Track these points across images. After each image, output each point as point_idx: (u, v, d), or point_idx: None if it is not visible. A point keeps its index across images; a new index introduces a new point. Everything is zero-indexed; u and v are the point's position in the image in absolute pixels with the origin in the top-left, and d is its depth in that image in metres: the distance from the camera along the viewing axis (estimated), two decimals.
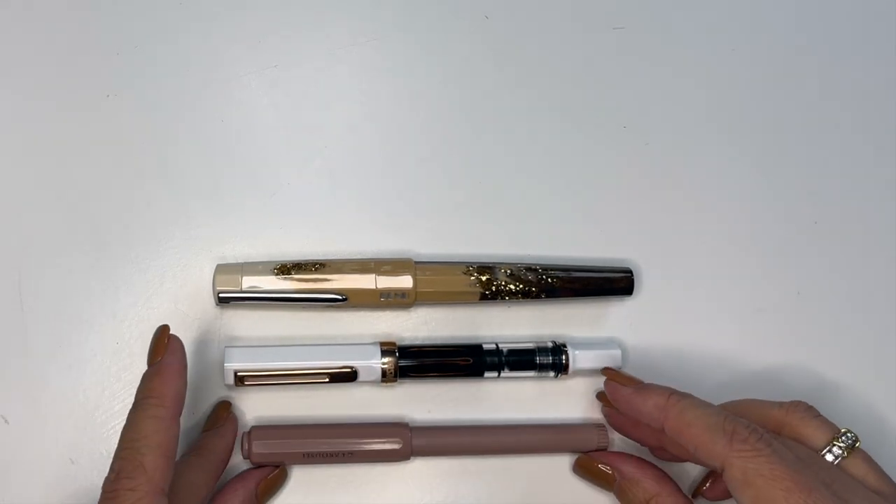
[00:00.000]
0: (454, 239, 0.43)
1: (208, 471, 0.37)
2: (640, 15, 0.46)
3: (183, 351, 0.36)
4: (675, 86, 0.46)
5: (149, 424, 0.33)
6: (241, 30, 0.44)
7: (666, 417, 0.36)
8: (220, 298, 0.40)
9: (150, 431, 0.33)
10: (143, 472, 0.32)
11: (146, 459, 0.32)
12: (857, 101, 0.47)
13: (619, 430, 0.41)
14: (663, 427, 0.36)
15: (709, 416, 0.34)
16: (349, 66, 0.45)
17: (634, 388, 0.38)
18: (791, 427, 0.36)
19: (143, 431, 0.33)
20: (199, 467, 0.37)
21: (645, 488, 0.38)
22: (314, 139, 0.44)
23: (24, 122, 0.42)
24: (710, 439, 0.34)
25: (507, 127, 0.45)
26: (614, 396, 0.39)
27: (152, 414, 0.33)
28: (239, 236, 0.42)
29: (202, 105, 0.43)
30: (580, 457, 0.41)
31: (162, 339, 0.36)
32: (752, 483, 0.32)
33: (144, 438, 0.33)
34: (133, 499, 0.31)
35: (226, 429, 0.39)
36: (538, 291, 0.42)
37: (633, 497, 0.39)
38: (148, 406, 0.34)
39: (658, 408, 0.36)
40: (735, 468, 0.33)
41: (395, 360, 0.40)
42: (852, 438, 0.35)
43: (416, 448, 0.40)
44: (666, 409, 0.36)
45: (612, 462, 0.40)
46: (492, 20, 0.46)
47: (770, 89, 0.46)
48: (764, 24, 0.47)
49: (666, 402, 0.36)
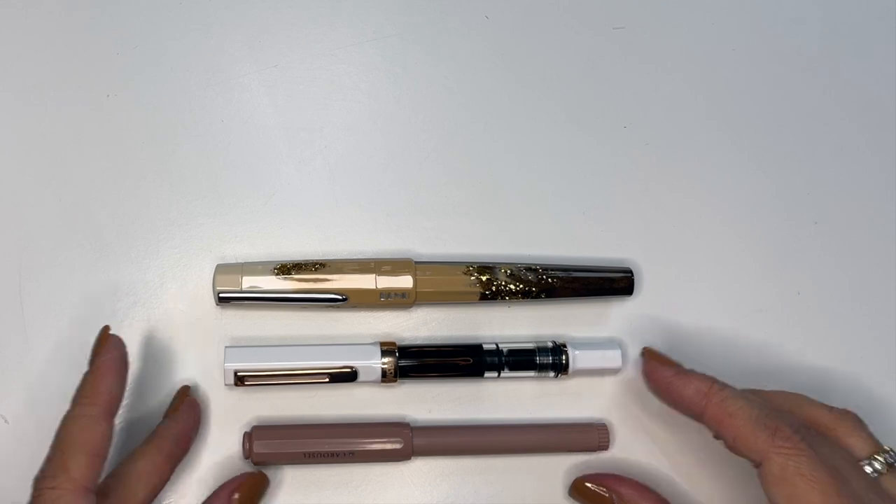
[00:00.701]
0: (454, 239, 0.43)
1: (159, 458, 0.37)
2: (640, 15, 0.46)
3: (122, 350, 0.36)
4: (676, 86, 0.46)
5: (76, 424, 0.34)
6: (241, 30, 0.44)
7: (708, 405, 0.36)
8: (220, 298, 0.40)
9: (77, 430, 0.34)
10: (64, 472, 0.32)
11: (68, 459, 0.33)
12: (858, 100, 0.47)
13: (658, 393, 0.40)
14: (703, 414, 0.36)
15: (752, 408, 0.35)
16: (349, 65, 0.45)
17: (675, 372, 0.38)
18: (837, 434, 0.36)
19: (69, 431, 0.34)
20: (148, 455, 0.37)
21: None
22: (314, 139, 0.44)
23: (24, 121, 0.42)
24: (752, 432, 0.34)
25: (508, 127, 0.45)
26: (654, 377, 0.39)
27: (80, 413, 0.34)
28: (239, 236, 0.42)
29: (202, 105, 0.43)
30: (576, 480, 0.40)
31: (101, 339, 0.36)
32: (790, 481, 0.32)
33: (69, 437, 0.33)
34: (53, 497, 0.32)
35: (183, 415, 0.39)
36: (538, 291, 0.42)
37: None
38: (78, 405, 0.34)
39: (700, 394, 0.36)
40: (774, 464, 0.33)
41: (395, 360, 0.40)
42: (894, 456, 0.35)
43: (416, 448, 0.40)
44: (708, 396, 0.36)
45: (610, 485, 0.39)
46: (492, 20, 0.46)
47: (770, 89, 0.46)
48: (764, 24, 0.47)
49: (708, 389, 0.36)
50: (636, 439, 0.42)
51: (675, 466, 0.42)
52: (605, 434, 0.41)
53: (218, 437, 0.41)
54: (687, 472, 0.42)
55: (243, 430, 0.40)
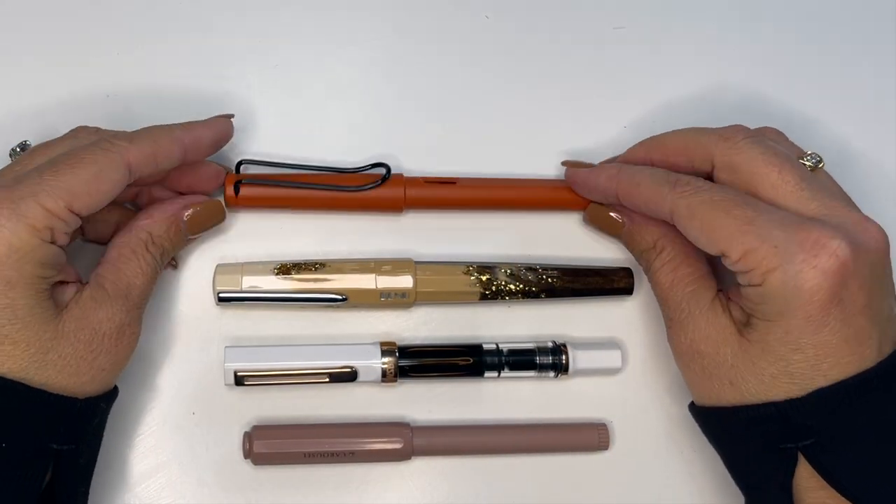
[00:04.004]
0: (454, 239, 0.43)
1: (171, 136, 0.37)
2: (640, 15, 0.46)
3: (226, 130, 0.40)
4: (676, 86, 0.46)
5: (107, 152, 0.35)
6: (241, 30, 0.44)
7: (618, 184, 0.39)
8: (220, 298, 0.40)
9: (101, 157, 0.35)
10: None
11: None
12: (858, 100, 0.47)
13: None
14: (616, 195, 0.39)
15: (654, 173, 0.38)
16: (349, 65, 0.45)
17: (590, 168, 0.42)
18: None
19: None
20: (166, 132, 0.37)
21: (652, 230, 0.40)
22: (314, 138, 0.44)
23: (24, 121, 0.42)
24: (657, 191, 0.37)
25: (508, 127, 0.45)
26: (572, 179, 0.42)
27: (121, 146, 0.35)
28: (239, 236, 0.42)
29: (202, 105, 0.43)
30: (591, 206, 0.42)
31: None
32: (696, 214, 0.35)
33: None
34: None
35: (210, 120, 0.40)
36: (538, 291, 0.42)
37: (641, 239, 0.40)
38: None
39: (610, 178, 0.40)
40: (681, 206, 0.36)
41: (396, 360, 0.40)
42: (816, 158, 0.38)
43: (416, 448, 0.40)
44: (618, 177, 0.39)
45: (622, 210, 0.41)
46: (492, 20, 0.46)
47: (771, 89, 0.46)
48: (764, 24, 0.47)
49: (617, 171, 0.39)
50: (636, 439, 0.42)
51: (675, 466, 0.42)
52: (605, 434, 0.41)
53: (218, 437, 0.41)
54: (687, 471, 0.42)
55: (243, 430, 0.40)
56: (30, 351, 0.33)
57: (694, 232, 0.36)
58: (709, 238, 0.35)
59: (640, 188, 0.38)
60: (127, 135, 0.36)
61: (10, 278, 0.32)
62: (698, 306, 0.37)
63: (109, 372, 0.36)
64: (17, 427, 0.32)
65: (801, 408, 0.34)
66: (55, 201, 0.33)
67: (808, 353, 0.34)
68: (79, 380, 0.34)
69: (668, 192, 0.36)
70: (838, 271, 0.33)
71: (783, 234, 0.34)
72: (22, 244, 0.32)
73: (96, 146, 0.35)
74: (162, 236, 0.38)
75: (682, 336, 0.37)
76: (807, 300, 0.33)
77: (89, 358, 0.34)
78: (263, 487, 0.41)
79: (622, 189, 0.39)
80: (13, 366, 0.32)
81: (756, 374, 0.35)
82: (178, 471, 0.40)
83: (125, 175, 0.35)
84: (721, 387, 0.36)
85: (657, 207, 0.37)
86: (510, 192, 0.43)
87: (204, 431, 0.41)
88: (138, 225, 0.38)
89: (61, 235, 0.33)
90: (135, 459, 0.40)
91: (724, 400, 0.36)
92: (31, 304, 0.33)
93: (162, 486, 0.40)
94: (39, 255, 0.33)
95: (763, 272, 0.34)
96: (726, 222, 0.34)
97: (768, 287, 0.34)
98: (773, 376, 0.34)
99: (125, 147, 0.35)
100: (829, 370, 0.34)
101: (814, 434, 0.34)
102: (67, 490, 0.34)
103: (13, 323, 0.32)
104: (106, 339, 0.35)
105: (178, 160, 0.37)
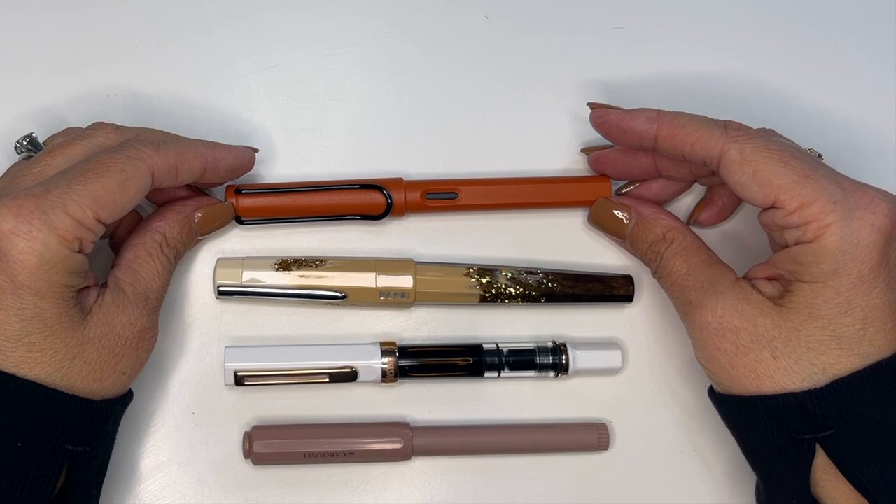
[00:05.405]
0: (455, 240, 0.43)
1: (196, 150, 0.37)
2: (640, 15, 0.46)
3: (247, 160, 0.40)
4: (676, 86, 0.46)
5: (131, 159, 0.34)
6: (241, 30, 0.44)
7: (660, 126, 0.37)
8: (220, 291, 0.40)
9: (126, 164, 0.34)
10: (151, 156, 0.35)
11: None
12: (858, 100, 0.47)
13: (610, 172, 0.42)
14: (656, 139, 0.37)
15: (701, 116, 0.37)
16: (349, 65, 0.45)
17: (623, 110, 0.39)
18: None
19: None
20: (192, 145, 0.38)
21: (661, 224, 0.39)
22: (314, 139, 0.44)
23: (24, 122, 0.42)
24: (707, 132, 0.36)
25: (509, 127, 0.45)
26: (604, 120, 0.39)
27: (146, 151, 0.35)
28: (239, 235, 0.42)
29: (202, 105, 0.43)
30: (598, 201, 0.41)
31: None
32: (750, 160, 0.34)
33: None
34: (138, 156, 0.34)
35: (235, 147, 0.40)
36: (538, 296, 0.42)
37: (649, 234, 0.40)
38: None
39: (650, 120, 0.37)
40: (733, 150, 0.35)
41: (395, 360, 0.40)
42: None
43: (416, 448, 0.40)
44: (658, 119, 0.37)
45: (631, 203, 0.41)
46: (492, 20, 0.46)
47: (771, 89, 0.46)
48: (764, 24, 0.47)
49: (657, 114, 0.37)
50: (636, 439, 0.42)
51: (675, 466, 0.42)
52: (605, 434, 0.41)
53: (218, 437, 0.41)
54: (687, 471, 0.42)
55: (243, 430, 0.40)
56: (57, 357, 0.33)
57: (744, 178, 0.35)
58: (762, 187, 0.34)
59: (686, 129, 0.36)
60: (152, 141, 0.36)
61: (39, 288, 0.32)
62: (723, 284, 0.36)
63: (130, 375, 0.36)
64: (32, 427, 0.32)
65: (820, 398, 0.34)
66: (84, 211, 0.32)
67: (857, 316, 0.33)
68: (102, 384, 0.34)
69: (720, 135, 0.35)
70: (890, 231, 0.33)
71: (840, 190, 0.33)
72: (52, 255, 0.32)
73: (122, 153, 0.34)
74: (175, 238, 0.38)
75: (709, 315, 0.36)
76: (861, 258, 0.33)
77: (112, 363, 0.34)
78: (263, 487, 0.41)
79: (664, 130, 0.37)
80: (40, 372, 0.32)
81: (803, 341, 0.34)
82: (178, 471, 0.40)
83: (149, 184, 0.35)
84: (758, 362, 0.35)
85: (704, 150, 0.36)
86: (512, 198, 0.42)
87: (204, 431, 0.41)
88: (152, 227, 0.38)
89: (88, 245, 0.33)
90: (135, 459, 0.40)
91: (750, 385, 0.35)
92: (59, 313, 0.33)
93: (162, 486, 0.40)
94: (68, 264, 0.32)
95: (820, 226, 0.33)
96: (783, 171, 0.34)
97: (824, 242, 0.33)
98: (821, 342, 0.34)
99: (150, 156, 0.35)
100: (874, 335, 0.34)
101: (832, 425, 0.34)
102: (80, 491, 0.34)
103: (42, 331, 0.32)
104: (128, 343, 0.35)
105: (197, 176, 0.37)
